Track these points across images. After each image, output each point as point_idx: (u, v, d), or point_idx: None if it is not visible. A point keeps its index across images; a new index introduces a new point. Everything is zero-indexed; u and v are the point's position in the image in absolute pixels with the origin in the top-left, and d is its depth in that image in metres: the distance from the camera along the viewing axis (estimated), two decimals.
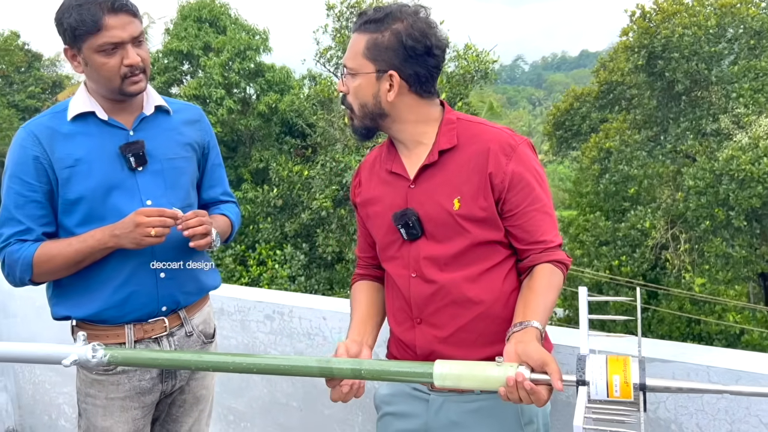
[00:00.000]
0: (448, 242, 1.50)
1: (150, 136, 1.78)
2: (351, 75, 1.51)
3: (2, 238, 1.70)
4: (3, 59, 27.53)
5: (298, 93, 19.18)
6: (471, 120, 1.57)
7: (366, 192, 1.66)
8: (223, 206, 2.02)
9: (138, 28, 1.68)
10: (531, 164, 1.50)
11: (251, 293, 2.64)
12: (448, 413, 1.52)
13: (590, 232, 15.94)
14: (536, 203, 1.49)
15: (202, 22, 19.85)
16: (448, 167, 1.51)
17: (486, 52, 16.05)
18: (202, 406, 1.99)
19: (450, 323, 1.51)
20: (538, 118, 52.43)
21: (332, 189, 15.19)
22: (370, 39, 1.47)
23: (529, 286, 1.46)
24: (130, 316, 1.78)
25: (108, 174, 1.73)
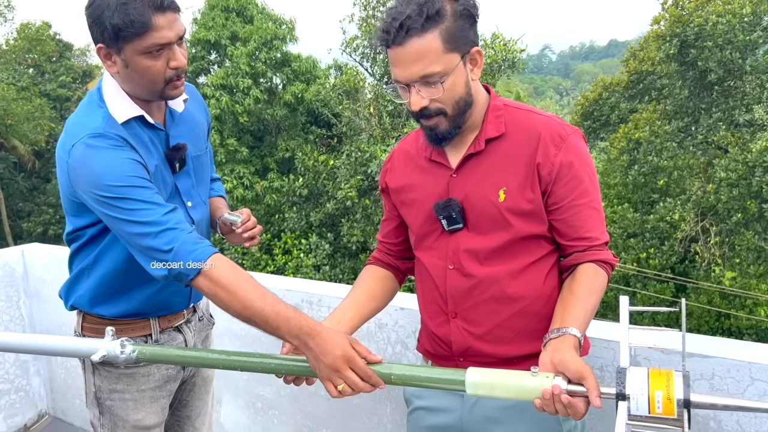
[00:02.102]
0: (490, 235, 1.44)
1: (182, 135, 1.71)
2: (439, 80, 1.33)
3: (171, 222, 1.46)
4: (35, 49, 28.01)
5: (324, 83, 19.19)
6: (519, 107, 1.48)
7: (401, 178, 1.60)
8: (214, 185, 2.00)
9: (183, 26, 1.53)
10: (581, 155, 1.42)
11: (280, 282, 2.64)
12: (483, 409, 1.48)
13: (618, 224, 15.71)
14: (584, 197, 1.42)
15: (229, 11, 19.95)
16: (494, 156, 1.44)
17: (514, 41, 15.89)
18: (208, 387, 2.01)
19: (487, 320, 1.47)
20: (566, 108, 51.79)
21: (357, 179, 15.21)
22: (442, 31, 1.31)
23: (570, 288, 1.39)
24: (160, 313, 1.78)
25: (165, 181, 1.65)
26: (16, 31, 28.39)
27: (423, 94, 1.35)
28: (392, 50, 1.34)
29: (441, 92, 1.35)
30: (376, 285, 1.65)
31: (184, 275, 1.45)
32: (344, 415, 2.45)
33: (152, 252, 1.47)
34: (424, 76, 1.33)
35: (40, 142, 25.63)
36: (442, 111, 1.38)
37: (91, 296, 1.75)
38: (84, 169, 1.49)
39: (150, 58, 1.49)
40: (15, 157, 25.94)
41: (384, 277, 1.68)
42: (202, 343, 1.95)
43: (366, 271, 1.69)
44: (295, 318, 1.38)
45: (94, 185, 1.47)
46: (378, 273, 1.68)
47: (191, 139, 1.74)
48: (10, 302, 3.49)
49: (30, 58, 28.53)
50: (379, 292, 1.64)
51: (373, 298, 1.62)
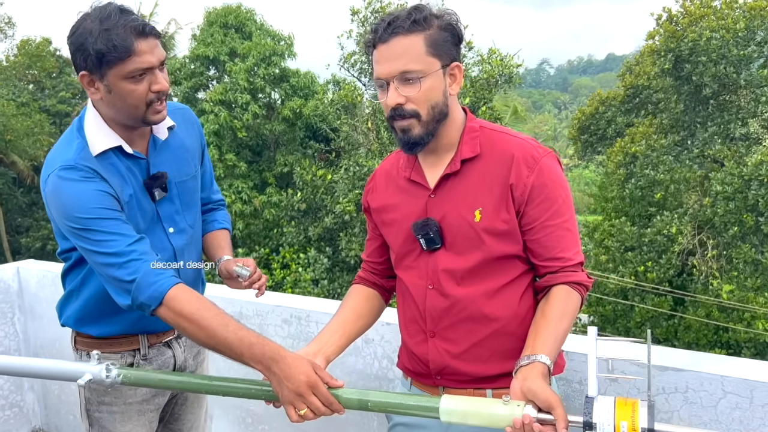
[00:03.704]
0: (466, 255, 1.47)
1: (164, 162, 1.71)
2: (418, 78, 1.38)
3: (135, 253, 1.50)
4: (35, 65, 28.16)
5: (322, 98, 19.30)
6: (494, 129, 1.52)
7: (381, 198, 1.63)
8: (218, 215, 2.00)
9: (163, 52, 1.57)
10: (554, 177, 1.44)
11: (269, 298, 2.67)
12: (461, 426, 1.50)
13: (615, 238, 15.73)
14: (556, 218, 1.44)
15: (228, 27, 20.12)
16: (470, 177, 1.47)
17: (510, 56, 15.99)
18: (200, 402, 2.02)
19: (465, 339, 1.49)
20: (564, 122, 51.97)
21: (355, 193, 15.25)
22: (426, 37, 1.39)
23: (543, 312, 1.41)
24: (148, 330, 1.80)
25: (143, 209, 1.67)
26: (17, 47, 28.58)
27: (401, 91, 1.39)
28: (377, 49, 1.41)
29: (418, 90, 1.39)
30: (363, 304, 1.67)
31: (146, 306, 1.49)
32: (332, 429, 2.47)
33: (117, 282, 1.52)
34: (403, 72, 1.38)
35: (39, 157, 25.67)
36: (416, 113, 1.41)
37: (78, 317, 1.79)
38: (56, 200, 1.54)
39: (133, 83, 1.52)
40: (14, 172, 25.99)
41: (370, 296, 1.70)
42: (194, 359, 1.95)
43: (352, 291, 1.72)
44: (259, 343, 1.40)
45: (64, 216, 1.53)
46: (364, 292, 1.71)
47: (176, 165, 1.75)
48: (4, 318, 3.52)
49: (30, 74, 28.69)
50: (365, 311, 1.67)
51: (360, 318, 1.64)
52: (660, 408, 1.67)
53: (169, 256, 1.74)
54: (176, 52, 24.98)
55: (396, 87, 1.40)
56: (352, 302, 1.67)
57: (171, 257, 1.75)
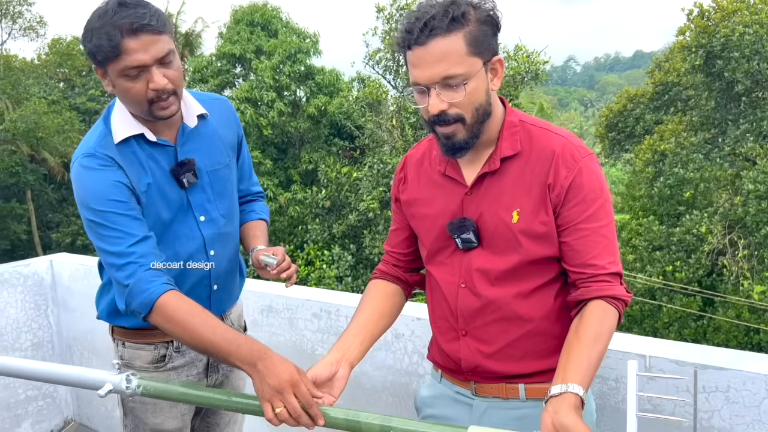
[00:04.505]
0: (501, 256, 1.41)
1: (194, 150, 1.71)
2: (461, 83, 1.29)
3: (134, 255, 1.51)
4: (65, 64, 28.69)
5: (347, 95, 19.35)
6: (534, 123, 1.44)
7: (413, 191, 1.56)
8: (256, 206, 2.00)
9: (164, 47, 1.48)
10: (593, 179, 1.36)
11: (299, 291, 2.68)
12: (492, 419, 1.48)
13: (643, 237, 15.51)
14: (591, 222, 1.35)
15: (254, 25, 20.26)
16: (509, 176, 1.40)
17: (537, 53, 15.87)
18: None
19: (498, 339, 1.45)
20: (590, 119, 51.39)
21: (379, 190, 15.27)
22: (466, 35, 1.29)
23: (576, 333, 1.30)
24: None
25: (170, 197, 1.68)
26: (48, 46, 29.17)
27: (443, 97, 1.31)
28: (413, 51, 1.30)
29: (463, 96, 1.30)
30: (384, 302, 1.60)
31: (137, 312, 1.50)
32: None
33: (116, 283, 1.54)
34: (446, 77, 1.28)
35: (69, 154, 26.13)
36: (461, 118, 1.33)
37: (109, 310, 1.81)
38: (76, 188, 1.58)
39: (128, 80, 1.50)
40: (45, 169, 26.52)
41: (391, 292, 1.63)
42: None
43: (372, 287, 1.63)
44: (246, 344, 1.41)
45: (82, 204, 1.56)
46: (385, 288, 1.63)
47: (207, 153, 1.74)
48: (38, 311, 3.58)
49: (61, 72, 29.25)
50: (387, 309, 1.59)
51: (382, 317, 1.56)
52: (700, 407, 1.63)
53: (198, 244, 1.74)
54: (203, 50, 25.25)
55: (438, 93, 1.31)
56: (373, 300, 1.59)
57: (201, 246, 1.74)
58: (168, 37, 1.51)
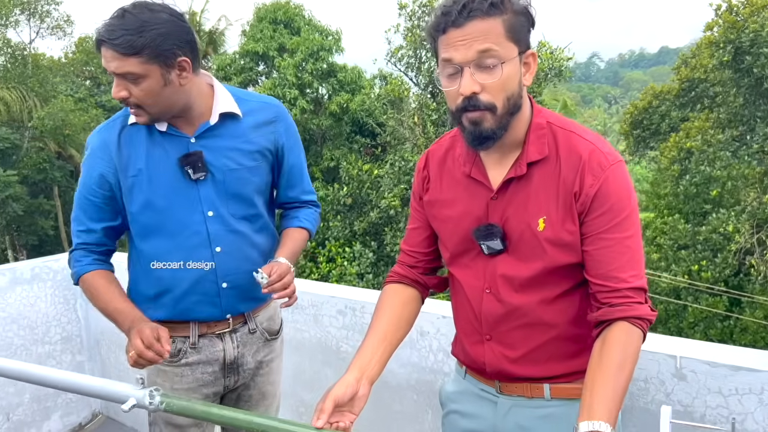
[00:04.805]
0: (526, 262, 1.38)
1: (211, 146, 1.73)
2: (498, 64, 1.26)
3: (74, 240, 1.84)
4: (92, 62, 29.10)
5: (369, 93, 19.34)
6: (562, 126, 1.38)
7: (435, 191, 1.51)
8: (301, 212, 1.95)
9: (122, 68, 1.56)
10: (620, 189, 1.31)
11: (324, 288, 2.69)
12: (516, 417, 1.47)
13: (668, 235, 15.30)
14: (616, 232, 1.29)
15: (277, 23, 20.35)
16: (535, 181, 1.36)
17: (561, 49, 15.71)
18: (268, 402, 2.00)
19: (522, 344, 1.43)
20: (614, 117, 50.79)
21: (401, 188, 15.25)
22: (504, 21, 1.26)
23: (600, 360, 1.25)
24: (194, 318, 1.82)
25: (169, 184, 1.72)
26: (75, 44, 29.61)
27: (477, 78, 1.26)
28: (448, 33, 1.28)
29: (498, 77, 1.26)
30: (401, 310, 1.53)
31: (73, 280, 1.82)
32: (385, 421, 2.47)
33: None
34: (483, 52, 1.25)
35: None
36: (492, 105, 1.28)
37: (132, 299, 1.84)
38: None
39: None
40: (72, 165, 26.95)
41: (408, 298, 1.56)
42: (253, 356, 1.91)
43: (389, 293, 1.56)
44: (129, 315, 1.68)
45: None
46: (402, 294, 1.56)
47: (227, 152, 1.75)
48: (67, 305, 3.64)
49: (87, 70, 29.68)
50: (404, 318, 1.52)
51: (399, 327, 1.50)
52: (733, 410, 1.61)
53: (202, 238, 1.75)
54: (226, 48, 25.44)
55: (472, 73, 1.26)
56: (389, 309, 1.52)
57: (205, 240, 1.75)
58: (136, 61, 1.55)
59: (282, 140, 1.84)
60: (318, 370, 2.68)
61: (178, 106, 1.68)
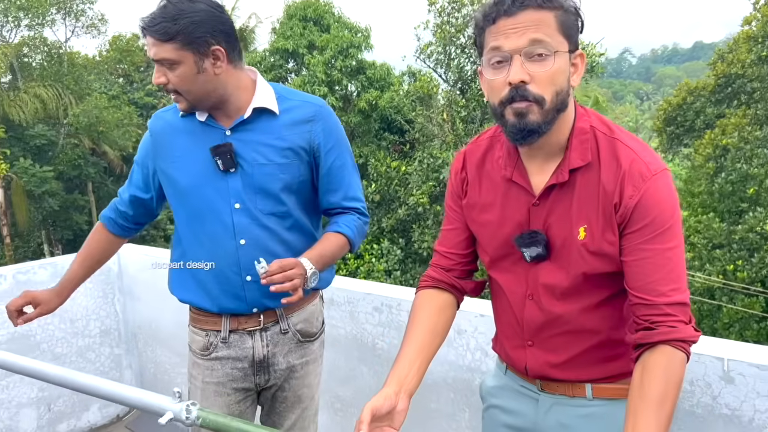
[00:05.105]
0: (567, 271, 1.35)
1: (243, 139, 1.76)
2: (551, 53, 1.22)
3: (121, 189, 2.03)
4: (125, 60, 29.62)
5: (398, 89, 19.33)
6: (606, 132, 1.33)
7: (474, 194, 1.47)
8: (341, 218, 1.88)
9: (159, 54, 1.64)
10: (661, 200, 1.25)
11: (360, 285, 2.69)
12: (558, 415, 1.46)
13: (702, 234, 14.99)
14: (656, 243, 1.24)
15: (306, 21, 20.44)
16: (577, 189, 1.32)
17: (592, 44, 15.49)
18: (304, 405, 1.98)
19: (565, 350, 1.41)
20: (646, 113, 49.97)
21: (429, 185, 15.22)
22: (557, 14, 1.23)
23: (641, 391, 1.19)
24: (224, 310, 1.84)
25: (200, 173, 1.77)
26: (109, 43, 30.14)
27: (527, 67, 1.22)
28: (499, 22, 1.24)
29: (549, 66, 1.22)
30: (437, 319, 1.47)
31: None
32: (422, 418, 2.47)
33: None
34: (535, 41, 1.21)
35: (128, 147, 27.01)
36: (540, 98, 1.24)
37: (169, 280, 1.95)
38: None
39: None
40: (105, 162, 27.46)
41: (443, 305, 1.50)
42: (284, 357, 1.90)
43: (423, 300, 1.50)
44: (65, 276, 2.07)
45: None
46: (437, 301, 1.50)
47: (258, 147, 1.76)
48: (106, 299, 3.71)
49: (120, 68, 30.20)
50: (440, 327, 1.46)
51: (435, 336, 1.44)
52: None
53: (227, 229, 1.78)
54: (257, 45, 25.64)
55: (522, 62, 1.22)
56: (425, 318, 1.46)
57: (230, 231, 1.77)
58: (171, 47, 1.63)
59: (318, 140, 1.81)
60: (353, 366, 2.69)
61: (215, 95, 1.72)
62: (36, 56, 26.39)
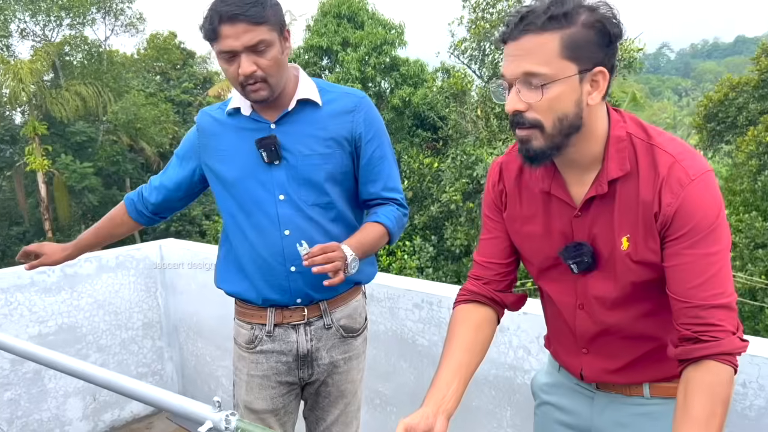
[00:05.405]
0: (616, 281, 1.33)
1: (287, 131, 1.79)
2: (544, 85, 1.19)
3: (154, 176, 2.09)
4: (162, 57, 30.12)
5: (431, 86, 19.27)
6: (644, 138, 1.29)
7: (514, 207, 1.45)
8: (381, 209, 1.89)
9: (255, 38, 1.62)
10: (703, 205, 1.21)
11: (401, 281, 2.69)
12: (615, 414, 1.44)
13: (744, 234, 14.60)
14: (698, 248, 1.20)
15: (341, 18, 20.50)
16: (618, 199, 1.29)
17: (630, 40, 15.21)
18: (347, 400, 1.99)
19: (622, 356, 1.40)
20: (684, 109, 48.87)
21: (462, 182, 15.12)
22: (564, 36, 1.18)
23: (685, 411, 1.15)
24: (269, 302, 1.86)
25: (245, 167, 1.80)
26: (146, 41, 30.69)
27: (522, 96, 1.21)
28: (507, 45, 1.24)
29: (539, 98, 1.20)
30: (475, 336, 1.43)
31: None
32: (462, 416, 2.46)
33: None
34: (526, 74, 1.19)
35: (164, 144, 27.50)
36: (538, 123, 1.22)
37: (216, 272, 1.98)
38: None
39: (224, 62, 1.68)
40: (142, 158, 27.99)
41: (482, 321, 1.46)
42: (328, 352, 1.91)
43: (461, 316, 1.47)
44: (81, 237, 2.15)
45: None
46: (475, 317, 1.46)
47: (302, 138, 1.79)
48: (149, 292, 3.78)
49: (157, 66, 30.73)
50: (479, 345, 1.42)
51: (474, 355, 1.40)
52: None
53: (272, 220, 1.80)
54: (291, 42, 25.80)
55: (518, 90, 1.21)
56: (463, 335, 1.43)
57: (275, 222, 1.80)
58: (266, 29, 1.64)
59: (360, 129, 1.84)
60: (394, 363, 2.69)
61: (285, 80, 1.75)
62: (77, 55, 27.01)
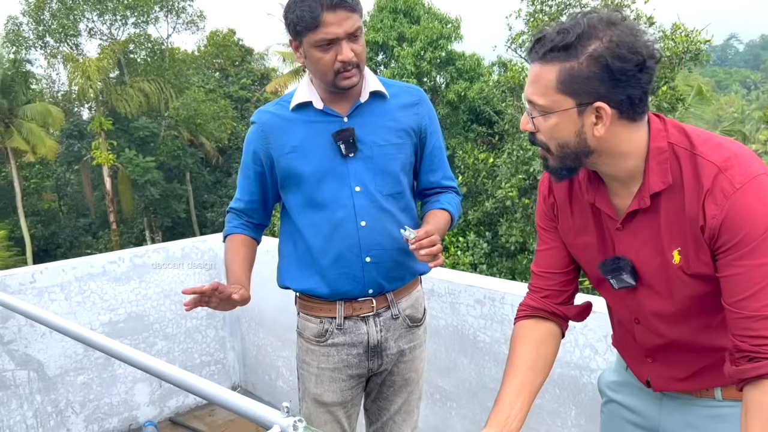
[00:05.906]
0: (669, 296, 1.29)
1: (362, 123, 1.81)
2: (542, 114, 1.21)
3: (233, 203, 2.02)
4: (221, 54, 30.86)
5: (488, 80, 19.06)
6: (687, 147, 1.23)
7: (567, 219, 1.43)
8: (442, 197, 1.98)
9: (354, 24, 1.68)
10: (750, 213, 1.15)
11: (462, 277, 2.68)
12: (684, 415, 1.40)
13: None
14: (750, 258, 1.15)
15: (396, 12, 20.52)
16: (662, 212, 1.25)
17: (697, 31, 14.64)
18: (411, 388, 2.02)
19: (689, 366, 1.36)
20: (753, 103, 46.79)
21: (518, 178, 14.91)
22: (562, 69, 1.16)
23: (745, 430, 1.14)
24: (340, 295, 1.88)
25: (322, 161, 1.81)
26: (206, 38, 31.49)
27: (530, 118, 1.25)
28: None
29: (531, 126, 1.24)
30: (536, 353, 1.39)
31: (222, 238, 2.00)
32: None
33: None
34: (530, 102, 1.23)
35: (223, 139, 28.19)
36: (545, 146, 1.25)
37: (280, 271, 1.99)
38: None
39: (320, 51, 1.69)
40: (202, 153, 28.76)
41: (544, 337, 1.43)
42: (395, 342, 1.94)
43: (522, 333, 1.44)
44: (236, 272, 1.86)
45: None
46: (536, 333, 1.43)
47: (375, 128, 1.82)
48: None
49: (217, 62, 31.51)
50: (540, 362, 1.39)
51: (537, 372, 1.37)
52: None
53: (348, 212, 1.82)
54: None
55: (529, 111, 1.24)
56: (523, 354, 1.40)
57: (351, 214, 1.82)
58: (359, 16, 1.70)
59: (425, 122, 1.91)
60: (454, 358, 2.68)
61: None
62: (141, 52, 27.96)
